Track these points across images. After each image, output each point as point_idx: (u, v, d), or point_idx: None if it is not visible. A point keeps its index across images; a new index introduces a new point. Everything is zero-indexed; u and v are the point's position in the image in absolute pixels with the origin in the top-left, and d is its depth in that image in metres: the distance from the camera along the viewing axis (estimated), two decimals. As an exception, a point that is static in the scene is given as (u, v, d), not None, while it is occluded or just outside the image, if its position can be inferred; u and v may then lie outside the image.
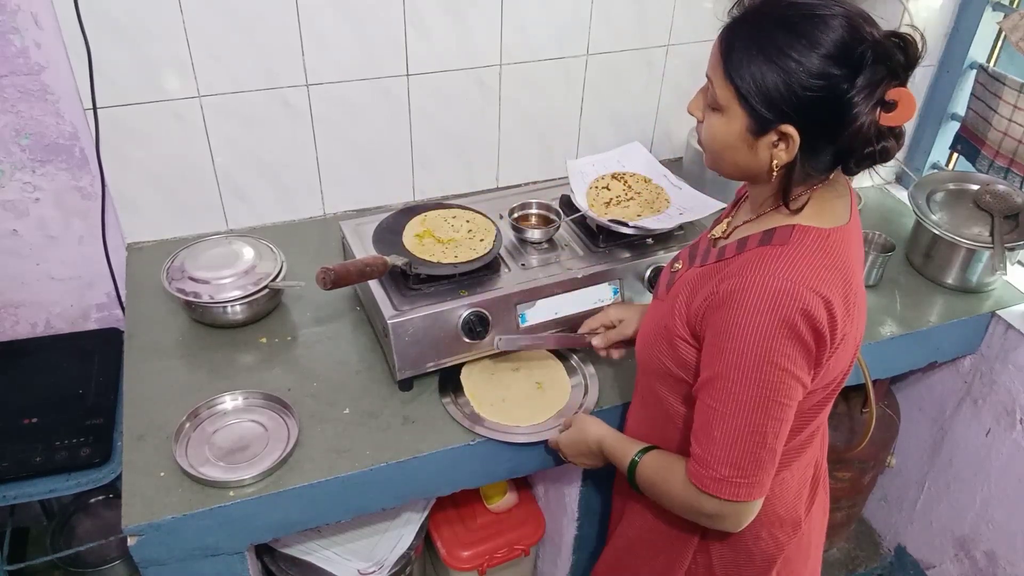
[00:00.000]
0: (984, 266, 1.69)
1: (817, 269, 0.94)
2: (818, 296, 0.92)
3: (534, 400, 1.42)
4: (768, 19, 0.92)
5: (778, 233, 0.98)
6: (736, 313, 0.94)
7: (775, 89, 0.90)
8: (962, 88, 1.93)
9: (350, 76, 1.68)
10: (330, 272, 1.28)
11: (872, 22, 0.92)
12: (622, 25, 1.85)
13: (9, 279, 1.70)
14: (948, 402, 1.95)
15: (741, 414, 0.95)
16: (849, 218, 1.03)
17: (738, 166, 1.00)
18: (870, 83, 0.88)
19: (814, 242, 0.96)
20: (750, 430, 0.96)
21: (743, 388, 0.94)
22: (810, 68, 0.88)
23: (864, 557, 2.25)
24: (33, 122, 1.55)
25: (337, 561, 1.56)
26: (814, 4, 0.91)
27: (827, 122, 0.91)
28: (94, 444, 1.52)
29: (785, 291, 0.92)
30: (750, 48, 0.91)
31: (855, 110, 0.88)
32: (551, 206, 1.62)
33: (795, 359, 0.94)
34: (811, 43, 0.88)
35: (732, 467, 0.97)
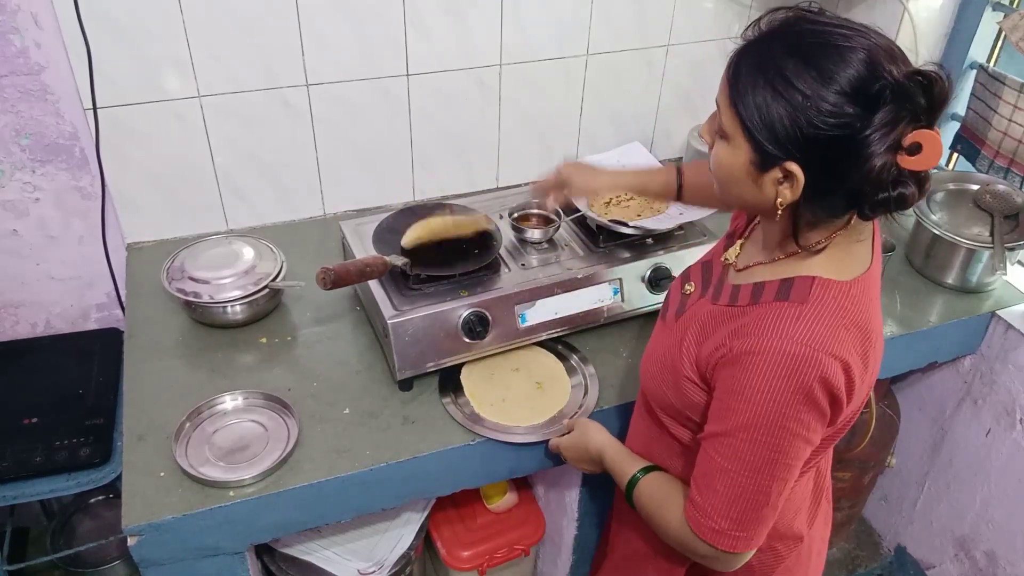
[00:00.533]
0: (984, 266, 1.69)
1: (836, 330, 0.89)
2: (836, 360, 0.88)
3: (534, 400, 1.42)
4: (781, 45, 0.85)
5: (796, 287, 0.93)
6: (750, 376, 0.90)
7: (780, 123, 0.84)
8: (962, 88, 1.93)
9: (350, 76, 1.68)
10: (330, 272, 1.28)
11: (896, 57, 0.84)
12: (622, 25, 1.85)
13: (9, 279, 1.70)
14: (948, 402, 1.95)
15: (746, 473, 0.93)
16: (871, 262, 0.98)
17: (744, 200, 0.95)
18: (885, 125, 0.81)
19: (835, 300, 0.91)
20: (754, 489, 0.93)
21: (751, 450, 0.92)
22: (819, 104, 0.81)
23: (864, 557, 2.25)
24: (33, 122, 1.55)
25: (337, 561, 1.56)
26: (834, 33, 0.83)
27: (835, 164, 0.84)
28: (94, 444, 1.52)
29: (803, 357, 0.87)
30: (757, 76, 0.85)
31: (866, 153, 0.82)
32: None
33: (808, 424, 0.91)
34: (822, 76, 0.81)
35: (732, 521, 0.95)
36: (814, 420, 0.91)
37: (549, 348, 1.51)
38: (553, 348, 1.51)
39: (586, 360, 1.50)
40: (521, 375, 1.46)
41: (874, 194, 0.85)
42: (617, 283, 1.50)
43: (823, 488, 1.21)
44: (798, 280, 0.93)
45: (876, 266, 1.00)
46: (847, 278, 0.94)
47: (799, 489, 1.13)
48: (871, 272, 0.97)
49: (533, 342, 1.48)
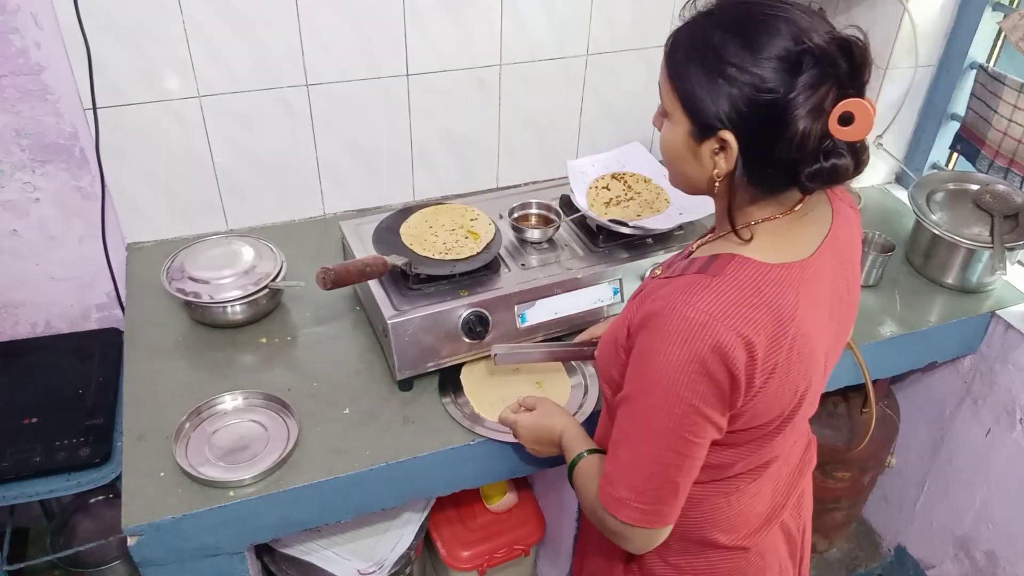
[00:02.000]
0: (984, 266, 1.69)
1: (743, 307, 0.88)
2: (735, 335, 0.87)
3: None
4: (712, 20, 0.89)
5: (717, 261, 0.93)
6: (653, 339, 0.90)
7: (711, 93, 0.87)
8: (962, 88, 1.93)
9: (350, 76, 1.68)
10: (330, 272, 1.28)
11: (821, 24, 0.87)
12: (622, 25, 1.85)
13: (9, 279, 1.70)
14: (948, 402, 1.95)
15: (646, 441, 0.93)
16: (814, 251, 0.96)
17: (687, 177, 0.96)
18: (807, 88, 0.83)
19: (749, 278, 0.91)
20: (652, 459, 0.93)
21: (650, 415, 0.92)
22: (746, 72, 0.84)
23: (864, 557, 2.25)
24: (33, 122, 1.55)
25: (337, 561, 1.56)
26: (761, 3, 0.87)
27: (764, 131, 0.86)
28: (94, 444, 1.52)
29: (701, 324, 0.87)
30: (690, 51, 0.89)
31: (790, 118, 0.83)
32: (551, 206, 1.63)
33: (706, 397, 0.90)
34: (748, 45, 0.85)
35: (632, 491, 0.95)
36: (710, 393, 0.90)
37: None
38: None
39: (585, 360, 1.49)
40: (521, 375, 1.46)
41: (806, 164, 0.87)
42: (617, 283, 1.50)
43: (781, 506, 1.16)
44: (721, 256, 0.94)
45: (825, 258, 0.97)
46: (773, 261, 0.93)
47: (744, 500, 1.09)
48: (813, 262, 0.95)
49: (533, 342, 1.47)
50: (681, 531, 1.09)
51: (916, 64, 1.91)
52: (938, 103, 1.98)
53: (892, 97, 1.95)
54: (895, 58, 1.88)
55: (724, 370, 0.88)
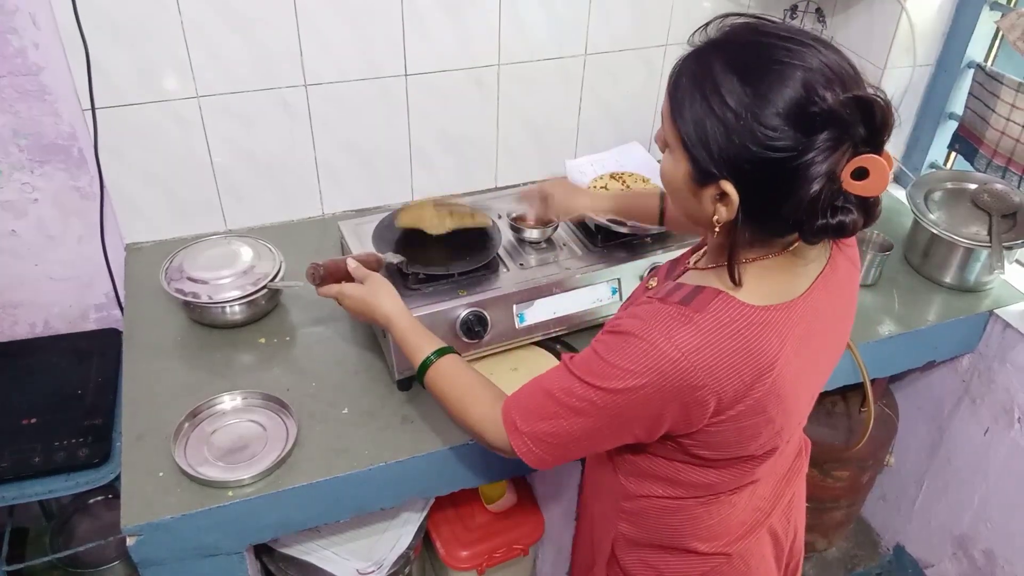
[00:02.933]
0: (982, 265, 1.70)
1: (720, 351, 0.85)
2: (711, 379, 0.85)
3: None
4: (722, 58, 0.81)
5: (701, 296, 0.88)
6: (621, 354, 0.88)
7: (714, 141, 0.80)
8: (960, 87, 1.93)
9: (349, 76, 1.68)
10: (319, 268, 1.28)
11: (840, 79, 0.79)
12: (620, 25, 1.86)
13: (8, 279, 1.70)
14: (946, 401, 1.95)
15: (555, 391, 0.95)
16: (806, 290, 0.92)
17: (687, 211, 0.91)
18: (822, 151, 0.77)
19: (730, 319, 0.86)
20: (544, 393, 0.96)
21: (577, 387, 0.92)
22: (752, 125, 0.78)
23: (863, 556, 2.25)
24: (31, 122, 1.54)
25: (336, 561, 1.56)
26: (778, 48, 0.79)
27: (770, 187, 0.81)
28: (93, 444, 1.52)
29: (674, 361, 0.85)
30: (694, 89, 0.82)
31: (801, 179, 0.78)
32: (550, 206, 1.62)
33: (644, 421, 0.90)
34: (757, 96, 0.78)
35: (524, 420, 0.98)
36: (653, 423, 0.90)
37: (548, 348, 1.51)
38: (552, 348, 1.51)
39: None
40: (520, 375, 1.46)
41: (812, 221, 0.81)
42: (615, 282, 1.50)
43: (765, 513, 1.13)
44: (706, 290, 0.90)
45: (817, 295, 0.93)
46: (758, 303, 0.88)
47: (724, 510, 1.07)
48: (802, 301, 0.91)
49: (532, 342, 1.48)
50: (658, 539, 1.09)
51: (914, 63, 1.91)
52: (936, 102, 1.98)
53: (890, 96, 1.95)
54: (893, 57, 1.89)
55: (684, 412, 0.88)
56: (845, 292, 1.01)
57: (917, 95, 1.99)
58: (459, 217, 1.46)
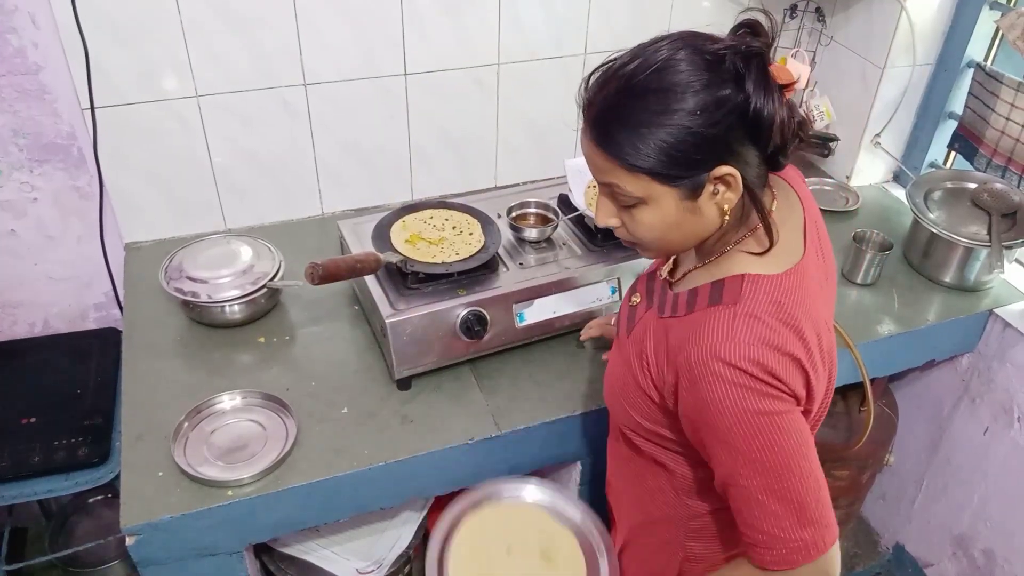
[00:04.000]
0: (982, 264, 1.70)
1: (774, 326, 0.87)
2: (781, 354, 0.87)
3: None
4: (626, 94, 0.85)
5: (728, 288, 0.91)
6: (708, 395, 0.87)
7: (686, 146, 0.83)
8: (960, 87, 1.93)
9: (348, 75, 1.68)
10: (318, 267, 1.28)
11: (706, 35, 0.88)
12: (620, 24, 1.86)
13: (7, 279, 1.70)
14: (946, 400, 1.95)
15: (782, 480, 0.88)
16: (805, 247, 0.96)
17: (690, 236, 0.93)
18: (759, 78, 0.83)
19: (767, 295, 0.89)
20: (799, 485, 0.88)
21: (766, 459, 0.87)
22: (701, 106, 0.82)
23: (863, 555, 2.25)
24: (31, 122, 1.54)
25: (336, 560, 1.56)
26: (648, 58, 0.85)
27: (750, 137, 0.86)
28: (92, 444, 1.52)
29: (747, 356, 0.85)
30: (635, 129, 0.84)
31: (768, 110, 0.83)
32: (549, 205, 1.63)
33: (778, 412, 0.87)
34: (683, 87, 0.83)
35: (807, 526, 0.89)
36: (778, 405, 0.88)
37: (550, 509, 1.33)
38: (554, 509, 1.33)
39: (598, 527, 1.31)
40: (518, 549, 1.26)
41: (788, 136, 0.87)
42: (615, 282, 1.50)
43: None
44: (728, 281, 0.91)
45: (810, 258, 0.97)
46: (778, 270, 0.92)
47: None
48: (805, 263, 0.95)
49: (519, 504, 1.33)
50: (731, 547, 1.08)
51: (914, 63, 1.91)
52: (936, 102, 1.98)
53: (890, 96, 1.95)
54: (893, 57, 1.89)
55: (785, 387, 0.87)
56: (822, 227, 1.04)
57: (917, 94, 1.99)
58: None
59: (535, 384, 1.45)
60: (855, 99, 2.00)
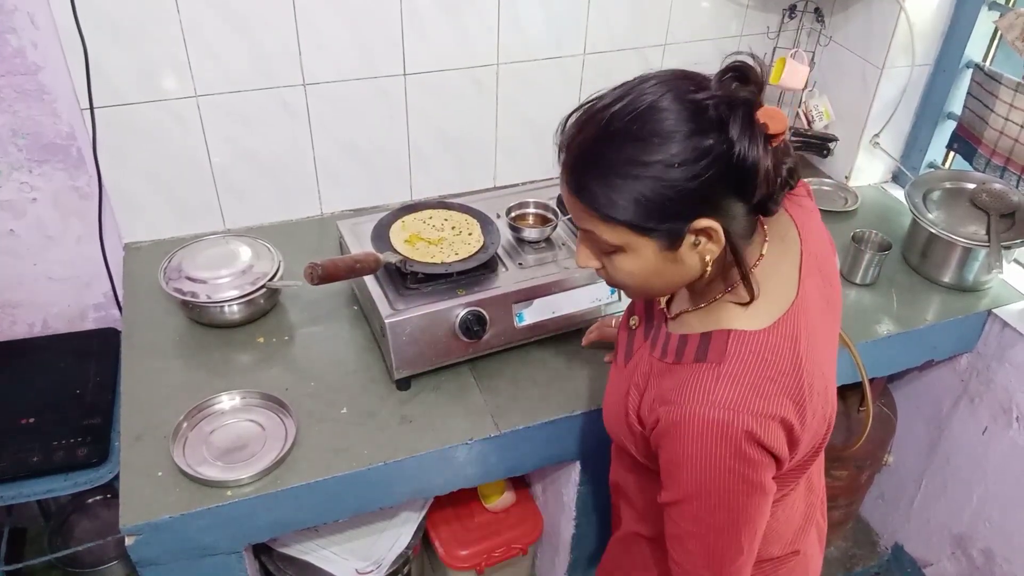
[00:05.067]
0: (980, 264, 1.70)
1: (760, 386, 0.85)
2: (764, 418, 0.85)
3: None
4: (603, 141, 0.83)
5: (713, 345, 0.89)
6: (682, 447, 0.87)
7: (662, 198, 0.81)
8: (958, 87, 1.93)
9: (347, 76, 1.68)
10: (318, 267, 1.28)
11: (694, 77, 0.84)
12: (619, 24, 1.86)
13: (6, 279, 1.70)
14: (945, 400, 1.96)
15: (713, 534, 0.91)
16: (798, 285, 0.94)
17: (672, 283, 0.92)
18: (744, 128, 0.80)
19: (752, 354, 0.87)
20: (724, 545, 0.91)
21: (710, 514, 0.89)
22: (681, 157, 0.80)
23: (862, 555, 2.25)
24: (30, 122, 1.54)
25: (335, 560, 1.56)
26: (632, 99, 0.82)
27: (733, 189, 0.83)
28: (92, 444, 1.52)
29: (727, 422, 0.84)
30: (609, 179, 0.82)
31: (751, 160, 0.80)
32: (548, 205, 1.63)
33: (752, 479, 0.87)
34: (663, 136, 0.80)
35: (712, 572, 0.93)
36: (757, 475, 0.87)
37: None
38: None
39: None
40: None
41: (775, 185, 0.84)
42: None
43: (815, 505, 1.16)
44: (715, 336, 0.90)
45: (809, 282, 0.95)
46: (763, 325, 0.89)
47: (788, 506, 1.08)
48: (798, 306, 0.92)
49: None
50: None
51: (913, 63, 1.91)
52: (935, 102, 1.98)
53: (889, 96, 1.95)
54: (892, 57, 1.89)
55: (766, 452, 0.86)
56: (826, 259, 1.02)
57: (916, 95, 1.99)
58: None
59: (534, 384, 1.45)
60: (854, 99, 2.00)
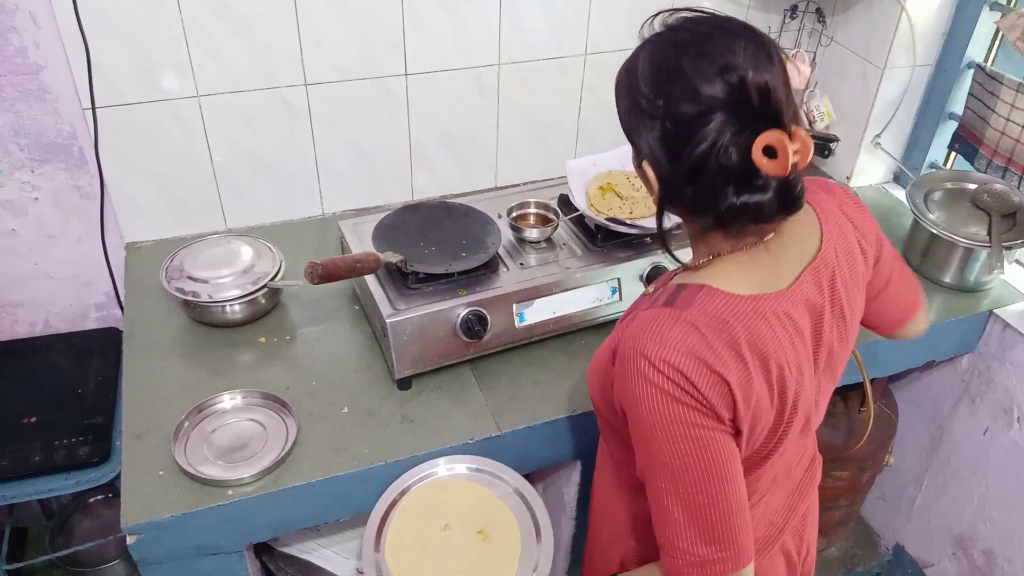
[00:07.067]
0: (982, 265, 1.70)
1: (711, 343, 0.85)
2: (709, 371, 0.84)
3: (486, 557, 1.20)
4: (647, 49, 0.93)
5: (684, 293, 0.90)
6: (629, 384, 0.87)
7: (630, 107, 0.92)
8: (960, 87, 1.93)
9: (349, 76, 1.68)
10: (318, 267, 1.29)
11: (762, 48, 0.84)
12: (620, 25, 1.86)
13: (8, 278, 1.70)
14: (946, 401, 1.96)
15: (693, 489, 0.87)
16: (793, 282, 0.92)
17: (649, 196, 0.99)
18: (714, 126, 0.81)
19: (716, 309, 0.87)
20: (709, 501, 0.87)
21: (676, 472, 0.87)
22: (662, 88, 0.85)
23: (862, 556, 2.25)
24: (31, 121, 1.55)
25: (336, 560, 1.57)
26: (697, 23, 0.88)
27: (666, 149, 0.85)
28: (93, 443, 1.52)
29: (669, 362, 0.84)
30: (621, 80, 0.97)
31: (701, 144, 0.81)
32: (549, 205, 1.63)
33: (699, 419, 0.85)
34: (673, 64, 0.86)
35: (708, 544, 0.87)
36: (702, 418, 0.86)
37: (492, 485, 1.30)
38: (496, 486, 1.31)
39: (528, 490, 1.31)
40: (455, 525, 1.23)
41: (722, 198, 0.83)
42: (615, 282, 1.51)
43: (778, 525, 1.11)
44: (689, 287, 0.91)
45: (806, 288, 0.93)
46: (743, 292, 0.89)
47: None
48: (790, 293, 0.91)
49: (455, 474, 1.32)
50: None
51: (914, 63, 1.91)
52: (936, 102, 1.98)
53: (890, 96, 1.95)
54: (893, 57, 1.89)
55: (702, 398, 0.85)
56: (849, 286, 0.99)
57: (917, 95, 1.99)
58: None
59: (535, 384, 1.45)
60: (855, 99, 2.00)
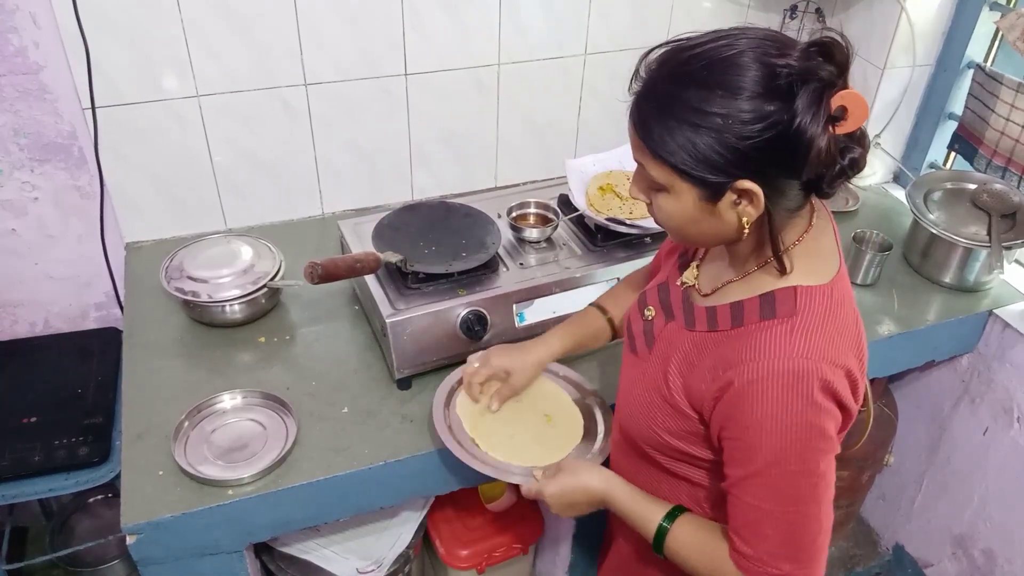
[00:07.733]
0: (981, 265, 1.70)
1: (831, 337, 0.87)
2: (838, 368, 0.86)
3: (547, 436, 1.28)
4: (673, 81, 0.84)
5: (780, 301, 0.90)
6: (759, 406, 0.87)
7: (712, 151, 0.82)
8: (959, 87, 1.93)
9: (349, 75, 1.68)
10: (317, 267, 1.29)
11: (783, 42, 0.84)
12: (620, 24, 1.86)
13: (8, 278, 1.70)
14: (946, 401, 1.96)
15: (791, 508, 0.88)
16: (840, 261, 0.96)
17: (708, 235, 0.92)
18: (810, 104, 0.80)
19: (822, 306, 0.89)
20: (803, 521, 0.89)
21: (787, 483, 0.88)
22: (740, 116, 0.80)
23: (862, 556, 2.25)
24: (31, 121, 1.55)
25: (336, 560, 1.57)
26: (715, 47, 0.83)
27: (783, 161, 0.83)
28: (93, 443, 1.52)
29: (806, 371, 0.85)
30: (667, 119, 0.84)
31: (807, 137, 0.80)
32: (549, 205, 1.63)
33: (828, 435, 0.88)
34: (730, 90, 0.81)
35: (793, 563, 0.89)
36: (830, 428, 0.88)
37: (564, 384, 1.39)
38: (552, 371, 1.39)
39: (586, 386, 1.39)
40: (525, 406, 1.32)
41: (830, 171, 0.84)
42: (615, 282, 1.50)
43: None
44: (779, 293, 0.91)
45: (843, 265, 0.98)
46: (825, 280, 0.92)
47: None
48: (843, 270, 0.96)
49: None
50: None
51: (914, 63, 1.91)
52: (936, 102, 1.98)
53: (890, 96, 1.95)
54: (892, 57, 1.89)
55: (835, 403, 0.87)
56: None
57: (917, 95, 1.99)
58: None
59: (535, 384, 1.45)
60: (855, 99, 2.00)
